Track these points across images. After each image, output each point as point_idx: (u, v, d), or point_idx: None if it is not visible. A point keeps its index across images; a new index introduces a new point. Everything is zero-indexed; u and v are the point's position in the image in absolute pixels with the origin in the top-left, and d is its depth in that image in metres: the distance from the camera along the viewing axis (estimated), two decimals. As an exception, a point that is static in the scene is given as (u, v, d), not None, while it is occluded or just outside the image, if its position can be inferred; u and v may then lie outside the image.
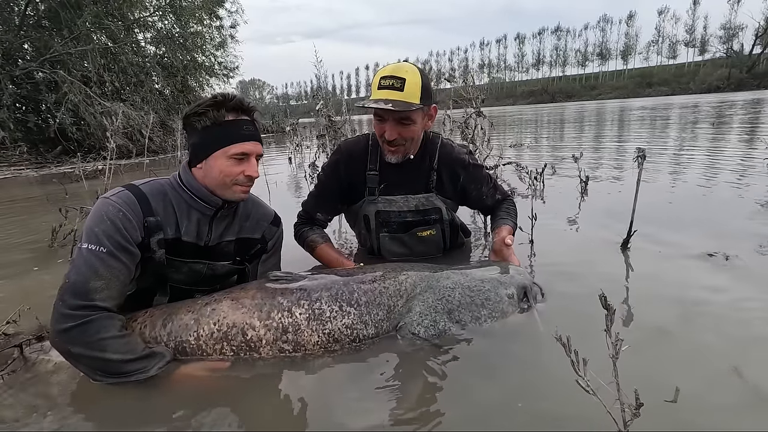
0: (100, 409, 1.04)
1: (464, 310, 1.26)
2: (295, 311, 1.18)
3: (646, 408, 0.88)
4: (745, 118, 10.12)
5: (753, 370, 1.04)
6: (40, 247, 2.65)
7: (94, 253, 1.09)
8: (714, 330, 1.24)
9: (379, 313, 1.22)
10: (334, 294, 1.22)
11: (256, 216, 1.44)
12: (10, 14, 10.08)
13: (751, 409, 0.92)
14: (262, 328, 1.17)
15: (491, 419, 0.93)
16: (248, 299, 1.21)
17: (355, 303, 1.21)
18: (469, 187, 1.77)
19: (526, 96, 76.45)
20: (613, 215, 2.41)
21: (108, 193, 1.18)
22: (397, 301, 1.25)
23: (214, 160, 1.22)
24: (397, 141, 1.58)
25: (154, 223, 1.19)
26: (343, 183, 1.76)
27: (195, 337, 1.16)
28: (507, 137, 8.99)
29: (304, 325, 1.17)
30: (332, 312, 1.19)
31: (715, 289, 1.50)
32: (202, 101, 1.23)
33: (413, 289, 1.28)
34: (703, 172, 3.82)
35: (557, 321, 1.31)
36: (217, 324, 1.17)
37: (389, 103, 1.47)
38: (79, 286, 1.06)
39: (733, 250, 1.80)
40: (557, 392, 0.98)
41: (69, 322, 1.03)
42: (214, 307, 1.20)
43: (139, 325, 1.19)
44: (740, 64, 51.76)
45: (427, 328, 1.22)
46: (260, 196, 1.50)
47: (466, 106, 2.55)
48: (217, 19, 13.92)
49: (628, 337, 1.18)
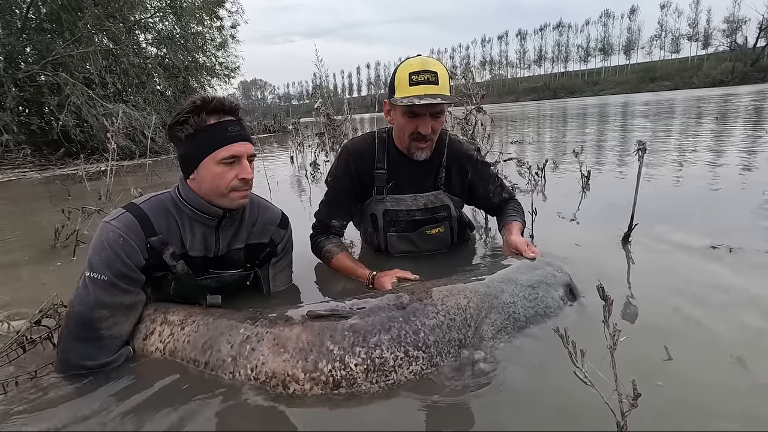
0: (106, 410, 1.04)
1: (532, 324, 1.18)
2: (349, 360, 0.98)
3: (646, 399, 0.88)
4: (750, 110, 10.04)
5: (755, 363, 1.03)
6: (43, 247, 2.66)
7: (95, 282, 1.09)
8: (714, 322, 1.23)
9: (450, 350, 1.04)
10: (395, 336, 1.01)
11: (263, 220, 1.40)
12: (12, 17, 10.14)
13: (752, 400, 0.92)
14: (308, 381, 0.97)
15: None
16: (292, 341, 1.02)
17: (423, 347, 1.01)
18: (476, 184, 1.77)
19: (528, 92, 76.20)
20: (615, 209, 2.40)
21: (109, 217, 1.17)
22: (466, 333, 1.08)
23: (205, 168, 1.18)
24: (429, 136, 1.57)
25: (158, 241, 1.17)
26: (355, 182, 1.74)
27: (230, 377, 1.04)
28: (510, 134, 8.97)
29: (361, 378, 0.97)
30: (395, 359, 0.99)
31: (716, 281, 1.49)
32: (181, 108, 1.18)
33: (479, 314, 1.11)
34: (708, 165, 3.79)
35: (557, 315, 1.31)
36: (254, 371, 1.01)
37: (437, 98, 1.46)
38: (84, 316, 1.08)
39: (736, 243, 1.79)
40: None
41: (74, 359, 1.08)
42: (254, 346, 1.04)
43: (185, 337, 1.14)
44: (744, 58, 51.35)
45: (494, 346, 1.08)
46: (262, 196, 1.48)
47: (466, 103, 2.54)
48: (218, 20, 13.95)
49: (628, 329, 1.19)
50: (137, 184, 4.82)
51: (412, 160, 1.65)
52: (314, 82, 5.59)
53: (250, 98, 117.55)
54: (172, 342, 1.16)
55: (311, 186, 4.16)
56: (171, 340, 1.16)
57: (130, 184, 4.30)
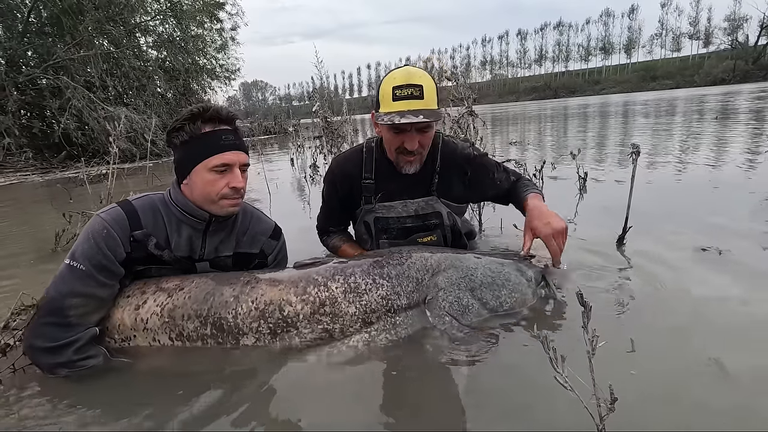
0: (97, 407, 1.06)
1: (486, 289, 1.31)
2: (331, 285, 1.22)
3: (629, 403, 0.90)
4: (751, 109, 10.03)
5: (737, 364, 1.05)
6: (45, 251, 2.69)
7: (73, 271, 1.13)
8: (702, 324, 1.25)
9: (409, 287, 1.26)
10: (366, 268, 1.27)
11: (254, 230, 1.41)
12: (14, 21, 10.20)
13: (732, 402, 0.94)
14: (299, 303, 1.19)
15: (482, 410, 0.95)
16: (285, 277, 1.26)
17: (387, 276, 1.26)
18: (480, 179, 1.72)
19: (529, 92, 76.11)
20: (612, 211, 2.41)
21: (101, 210, 1.21)
22: (424, 276, 1.29)
23: (197, 175, 1.20)
24: (417, 150, 1.54)
25: (142, 234, 1.21)
26: (343, 199, 1.75)
27: (232, 314, 1.19)
28: (510, 134, 8.98)
29: (341, 298, 1.20)
30: (366, 285, 1.23)
31: (702, 284, 1.51)
32: (179, 116, 1.22)
33: (438, 266, 1.32)
34: (707, 165, 3.80)
35: (549, 318, 1.33)
36: (255, 302, 1.20)
37: (419, 115, 1.40)
38: (55, 303, 1.11)
39: (727, 245, 1.80)
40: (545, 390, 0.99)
41: (40, 343, 1.10)
42: (253, 285, 1.24)
43: (185, 295, 1.23)
44: (745, 56, 51.19)
45: (451, 303, 1.25)
46: (261, 198, 1.50)
47: (458, 105, 2.56)
48: (218, 22, 14.01)
49: (618, 332, 1.21)
50: (138, 187, 4.86)
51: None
52: (316, 83, 5.60)
53: (251, 99, 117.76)
54: (171, 302, 1.22)
55: (311, 188, 4.18)
56: (169, 301, 1.22)
57: (131, 187, 4.33)
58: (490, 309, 1.30)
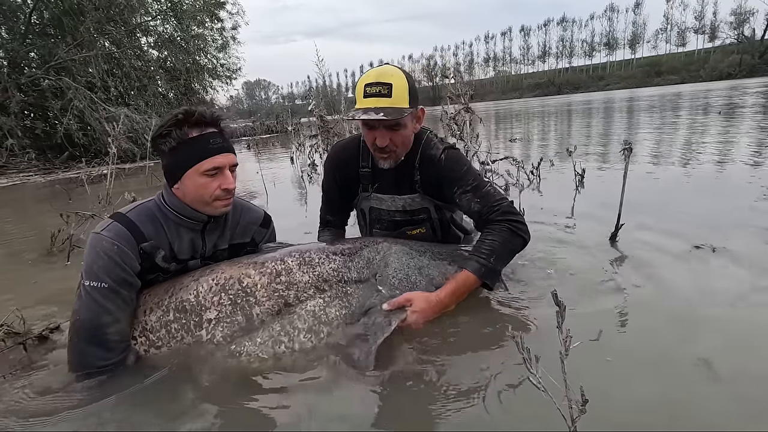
0: (101, 408, 1.07)
1: (433, 268, 1.42)
2: (287, 258, 1.31)
3: (613, 403, 0.88)
4: (756, 104, 9.91)
5: (726, 364, 1.03)
6: (42, 251, 2.71)
7: (97, 290, 1.13)
8: (690, 324, 1.23)
9: (360, 263, 1.36)
10: (321, 247, 1.38)
11: (245, 221, 1.46)
12: (16, 23, 10.26)
13: (724, 404, 0.92)
14: (257, 274, 1.26)
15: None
16: (244, 257, 1.36)
17: (339, 252, 1.36)
18: (443, 187, 1.59)
19: (532, 88, 75.68)
20: (608, 207, 2.38)
21: (98, 228, 1.20)
22: (375, 256, 1.40)
23: (188, 179, 1.22)
24: (389, 147, 1.53)
25: (150, 246, 1.22)
26: (342, 186, 1.76)
27: (194, 295, 1.24)
28: (512, 131, 8.93)
29: (296, 269, 1.29)
30: (320, 259, 1.32)
31: (695, 281, 1.49)
32: (164, 121, 1.22)
33: (389, 248, 1.44)
34: (708, 161, 3.76)
35: (533, 315, 1.32)
36: (215, 279, 1.26)
37: (380, 112, 1.41)
38: (90, 324, 1.12)
39: (722, 242, 1.78)
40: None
41: (88, 366, 1.13)
42: (212, 268, 1.31)
43: (145, 294, 1.28)
44: (752, 50, 50.58)
45: (400, 281, 1.36)
46: (259, 196, 1.52)
47: (455, 103, 2.54)
48: (218, 21, 14.01)
49: (605, 331, 1.19)
50: (137, 188, 4.86)
51: None
52: (315, 82, 5.62)
53: (254, 98, 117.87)
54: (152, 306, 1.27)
55: (309, 186, 4.18)
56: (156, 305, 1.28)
57: (131, 187, 4.34)
58: (437, 285, 1.37)
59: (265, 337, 1.20)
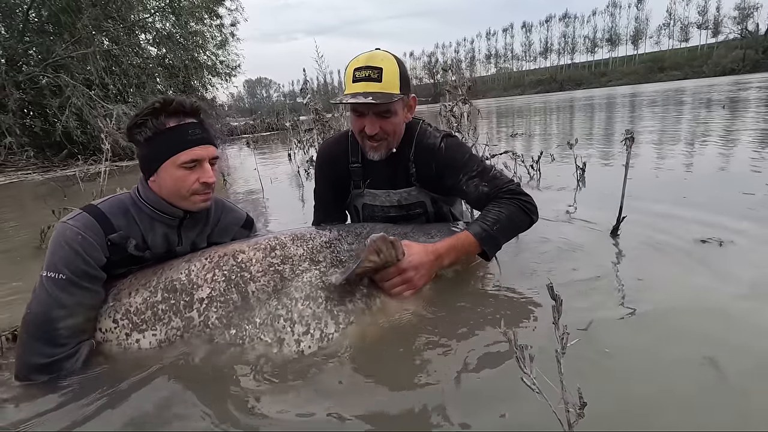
0: (88, 410, 1.01)
1: (418, 233, 1.47)
2: (280, 235, 1.34)
3: (614, 402, 0.82)
4: (760, 99, 9.80)
5: (732, 363, 0.97)
6: (31, 247, 2.68)
7: (53, 281, 1.06)
8: (695, 319, 1.17)
9: (349, 238, 1.39)
10: (311, 227, 1.44)
11: (226, 221, 1.41)
12: (14, 20, 10.21)
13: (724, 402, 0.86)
14: (251, 250, 1.26)
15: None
16: (239, 241, 1.36)
17: (329, 229, 1.42)
18: (444, 176, 1.53)
19: (534, 85, 75.44)
20: (609, 200, 2.32)
21: (66, 217, 1.14)
22: (362, 230, 1.44)
23: (165, 172, 1.16)
24: (379, 135, 1.46)
25: (119, 236, 1.16)
26: (334, 183, 1.70)
27: (185, 273, 1.21)
28: (511, 127, 8.86)
29: (289, 243, 1.31)
30: (311, 234, 1.35)
31: (701, 276, 1.42)
32: (140, 110, 1.16)
33: (375, 225, 1.53)
34: (714, 154, 3.69)
35: (528, 310, 1.26)
36: (208, 258, 1.24)
37: (369, 96, 1.34)
38: (41, 317, 1.05)
39: (729, 236, 1.71)
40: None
41: (35, 360, 1.05)
42: (205, 251, 1.29)
43: (131, 277, 1.23)
44: (755, 45, 50.21)
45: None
46: (255, 193, 1.48)
47: (453, 96, 2.47)
48: (217, 18, 13.93)
49: (603, 326, 1.13)
50: (133, 185, 4.82)
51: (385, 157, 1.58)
52: (316, 79, 5.47)
53: (256, 97, 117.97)
54: (116, 287, 1.22)
55: (305, 183, 4.12)
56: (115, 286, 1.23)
57: (127, 184, 4.31)
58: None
59: (263, 315, 1.16)
